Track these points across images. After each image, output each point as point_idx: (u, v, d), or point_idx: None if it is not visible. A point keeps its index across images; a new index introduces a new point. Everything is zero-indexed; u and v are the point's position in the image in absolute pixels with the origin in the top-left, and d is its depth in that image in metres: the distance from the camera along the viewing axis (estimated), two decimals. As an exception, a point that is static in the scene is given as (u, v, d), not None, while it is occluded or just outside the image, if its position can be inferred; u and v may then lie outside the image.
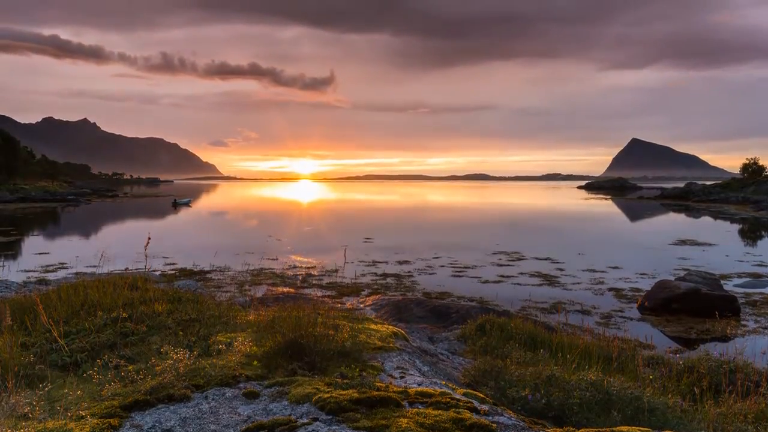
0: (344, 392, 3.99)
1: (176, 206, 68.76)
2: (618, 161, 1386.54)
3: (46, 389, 4.11)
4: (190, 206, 70.68)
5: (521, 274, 21.18)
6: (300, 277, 19.99)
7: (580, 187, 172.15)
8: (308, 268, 22.22)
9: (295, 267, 22.40)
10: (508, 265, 23.38)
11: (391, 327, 6.75)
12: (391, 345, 5.76)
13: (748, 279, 19.75)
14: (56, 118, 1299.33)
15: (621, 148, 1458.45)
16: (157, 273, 18.24)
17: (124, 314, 5.96)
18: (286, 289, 16.69)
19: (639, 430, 3.49)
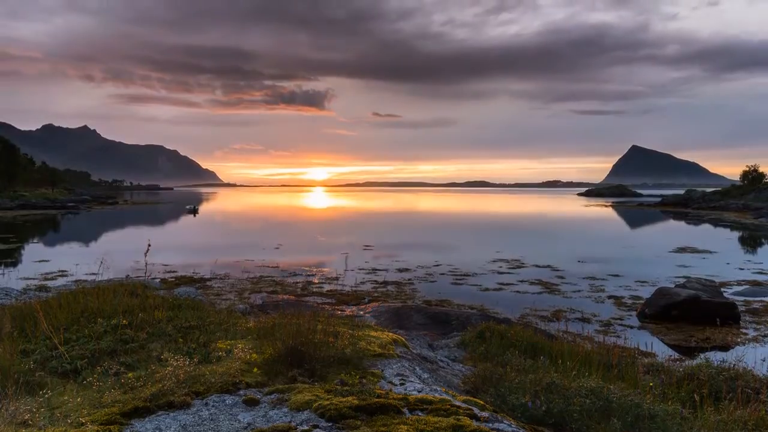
0: (344, 399, 3.99)
1: (195, 213, 69.95)
2: (618, 168, 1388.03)
3: (46, 396, 4.11)
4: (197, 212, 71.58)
5: (521, 281, 21.16)
6: (300, 285, 19.97)
7: (580, 194, 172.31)
8: (308, 275, 22.21)
9: (295, 274, 22.38)
10: (509, 272, 23.37)
11: (391, 334, 6.75)
12: (391, 352, 5.76)
13: (747, 287, 19.73)
14: (56, 125, 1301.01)
15: (621, 156, 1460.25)
16: (157, 280, 18.22)
17: (124, 321, 5.97)
18: (286, 297, 16.68)
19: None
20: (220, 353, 5.17)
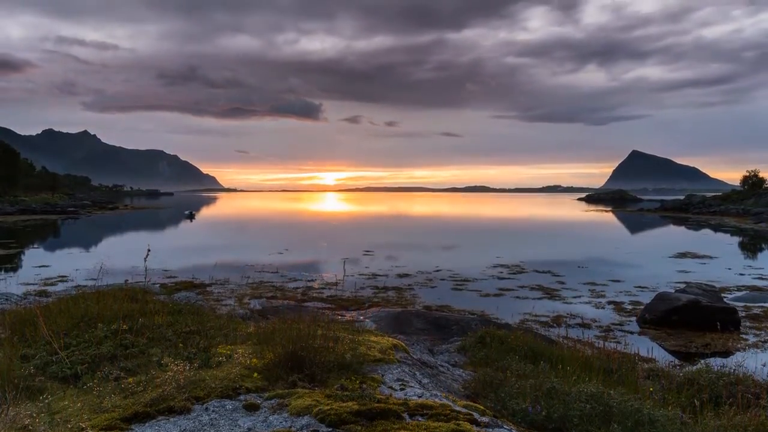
0: (344, 404, 3.99)
1: (191, 218, 70.24)
2: (618, 173, 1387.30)
3: (47, 401, 4.11)
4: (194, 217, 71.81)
5: (521, 287, 21.15)
6: (300, 290, 19.97)
7: (580, 199, 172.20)
8: (308, 281, 22.20)
9: (295, 280, 22.38)
10: (509, 278, 23.36)
11: (391, 339, 6.75)
12: (391, 357, 5.76)
13: (748, 292, 19.72)
14: (56, 130, 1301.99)
15: (621, 160, 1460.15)
16: (157, 285, 18.21)
17: (124, 326, 5.97)
18: (286, 302, 16.68)
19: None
20: (221, 358, 5.17)
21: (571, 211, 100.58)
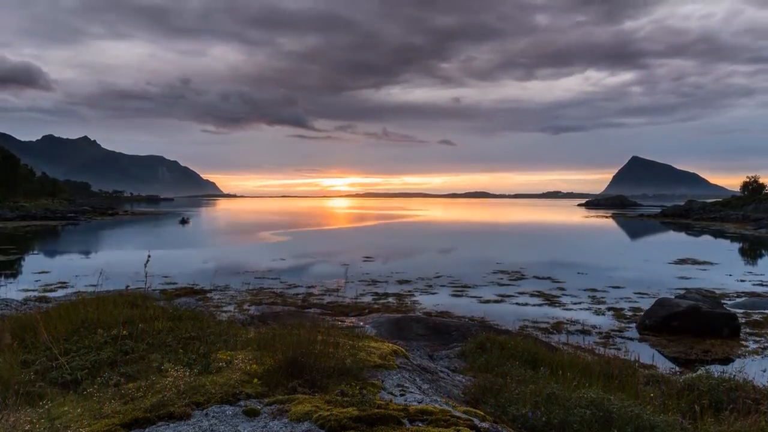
0: (344, 410, 3.99)
1: (185, 222, 70.64)
2: (618, 179, 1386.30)
3: (47, 407, 4.10)
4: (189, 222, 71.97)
5: (521, 293, 21.14)
6: (300, 296, 19.96)
7: (580, 205, 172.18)
8: (309, 287, 22.19)
9: (295, 286, 22.37)
10: (509, 284, 23.35)
11: (391, 345, 6.75)
12: (391, 363, 5.75)
13: (748, 298, 19.69)
14: (56, 135, 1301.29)
15: (621, 166, 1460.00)
16: (157, 291, 18.20)
17: (124, 332, 5.97)
18: (286, 308, 16.66)
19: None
20: (221, 364, 5.17)
21: (571, 216, 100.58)
